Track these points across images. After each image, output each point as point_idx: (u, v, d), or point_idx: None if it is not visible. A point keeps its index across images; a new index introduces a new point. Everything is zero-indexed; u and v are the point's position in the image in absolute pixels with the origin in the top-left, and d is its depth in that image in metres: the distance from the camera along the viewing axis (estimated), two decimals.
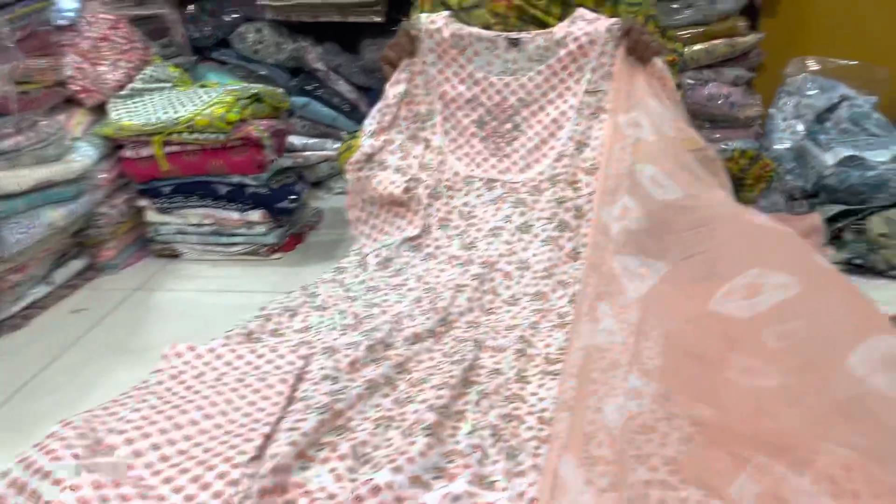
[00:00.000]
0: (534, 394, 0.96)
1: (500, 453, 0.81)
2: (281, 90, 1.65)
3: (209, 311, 1.27)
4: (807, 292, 0.91)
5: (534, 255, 1.30)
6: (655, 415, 0.89)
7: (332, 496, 0.74)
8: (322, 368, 0.97)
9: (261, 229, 1.47)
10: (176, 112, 1.40)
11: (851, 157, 1.62)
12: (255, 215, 1.46)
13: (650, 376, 0.97)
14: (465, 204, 1.39)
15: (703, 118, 1.99)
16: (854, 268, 1.43)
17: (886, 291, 1.35)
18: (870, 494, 0.72)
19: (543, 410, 0.92)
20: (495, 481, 0.77)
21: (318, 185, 2.06)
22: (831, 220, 1.56)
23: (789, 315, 0.92)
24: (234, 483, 0.73)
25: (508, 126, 1.42)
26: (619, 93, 1.36)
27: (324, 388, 0.91)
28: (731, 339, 1.06)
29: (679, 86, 1.66)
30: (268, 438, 0.82)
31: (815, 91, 1.91)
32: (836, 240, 1.56)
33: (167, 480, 0.75)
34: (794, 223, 1.58)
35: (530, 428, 0.89)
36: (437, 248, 1.35)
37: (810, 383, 0.89)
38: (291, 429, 0.82)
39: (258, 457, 0.78)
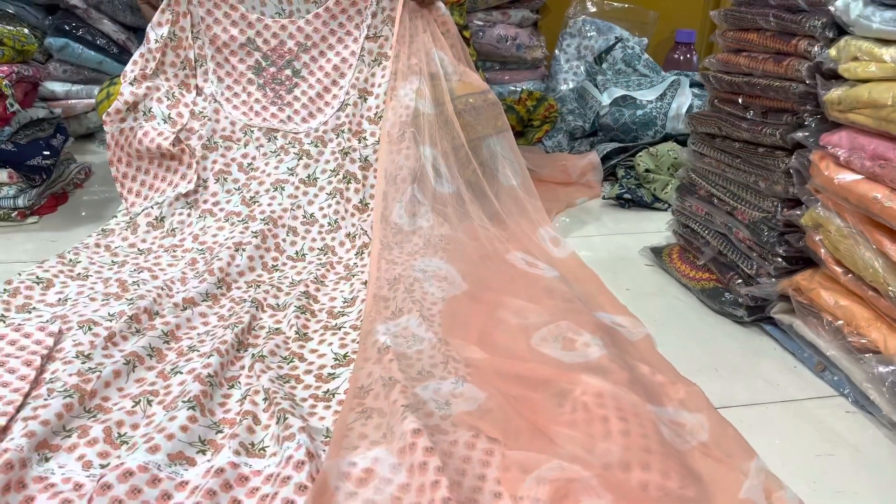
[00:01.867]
0: (314, 351, 0.94)
1: (271, 417, 0.78)
2: (27, 30, 1.44)
3: None
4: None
5: (319, 208, 1.26)
6: (433, 360, 0.91)
7: (78, 486, 0.68)
8: (76, 345, 0.88)
9: (9, 191, 1.30)
10: None
11: (624, 97, 1.72)
12: (2, 175, 1.28)
13: (431, 321, 0.98)
14: (245, 156, 1.31)
15: (494, 60, 2.02)
16: (625, 201, 1.53)
17: (652, 222, 1.47)
18: (617, 417, 0.77)
19: (322, 367, 0.90)
20: (266, 447, 0.74)
21: (88, 136, 1.87)
22: (606, 157, 1.67)
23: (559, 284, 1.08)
24: None
25: (288, 72, 1.35)
26: (402, 39, 1.34)
27: (74, 367, 0.83)
28: (510, 285, 1.10)
29: (466, 27, 1.67)
30: (4, 431, 0.73)
31: (594, 33, 2.00)
32: (611, 176, 1.67)
33: None
34: (574, 161, 1.67)
35: (308, 387, 0.86)
36: (215, 203, 1.26)
37: (569, 319, 0.95)
38: (29, 417, 0.73)
39: None
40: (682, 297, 1.14)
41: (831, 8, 0.86)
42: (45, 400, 0.77)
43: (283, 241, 1.21)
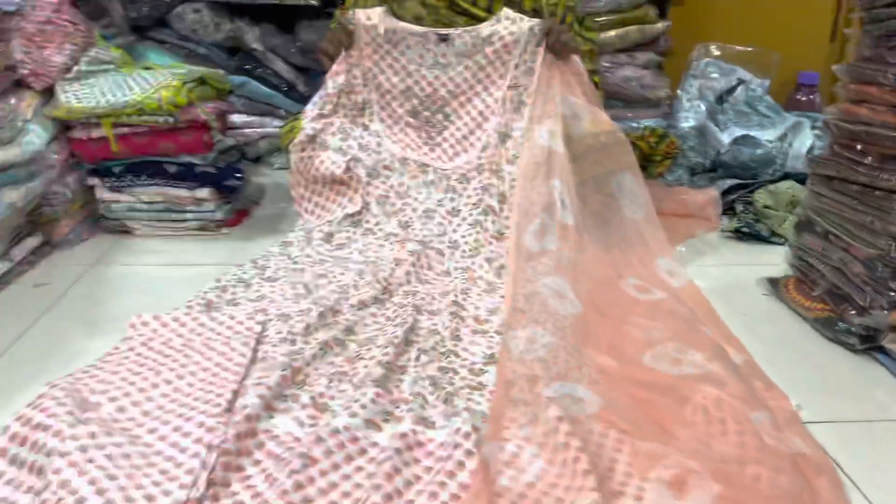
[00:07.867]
0: (465, 349, 1.11)
1: (437, 399, 0.96)
2: (221, 71, 1.72)
3: (164, 284, 1.36)
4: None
5: (462, 236, 1.45)
6: (568, 364, 1.06)
7: (296, 439, 0.88)
8: (279, 332, 1.10)
9: (210, 206, 1.56)
10: (125, 95, 1.46)
11: (744, 137, 1.82)
12: (204, 193, 1.55)
13: (564, 332, 1.13)
14: (401, 184, 1.52)
15: (619, 99, 2.16)
16: (743, 235, 1.63)
17: (768, 255, 1.55)
18: (733, 420, 0.90)
19: (473, 363, 1.08)
20: (434, 421, 0.92)
21: (257, 160, 2.15)
22: (726, 192, 1.77)
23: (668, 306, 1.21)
24: (212, 430, 0.85)
25: (439, 116, 1.55)
26: (539, 88, 1.50)
27: (282, 350, 1.04)
28: (630, 307, 1.24)
29: (595, 71, 1.82)
30: (236, 393, 0.94)
31: (716, 74, 2.11)
32: (729, 210, 1.77)
33: (151, 431, 0.87)
34: (694, 196, 1.78)
35: (463, 378, 1.04)
36: (376, 224, 1.48)
37: (688, 338, 1.08)
38: (257, 384, 0.94)
39: (229, 408, 0.90)
40: (796, 325, 1.24)
41: None
42: (266, 372, 0.98)
43: (432, 259, 1.40)
